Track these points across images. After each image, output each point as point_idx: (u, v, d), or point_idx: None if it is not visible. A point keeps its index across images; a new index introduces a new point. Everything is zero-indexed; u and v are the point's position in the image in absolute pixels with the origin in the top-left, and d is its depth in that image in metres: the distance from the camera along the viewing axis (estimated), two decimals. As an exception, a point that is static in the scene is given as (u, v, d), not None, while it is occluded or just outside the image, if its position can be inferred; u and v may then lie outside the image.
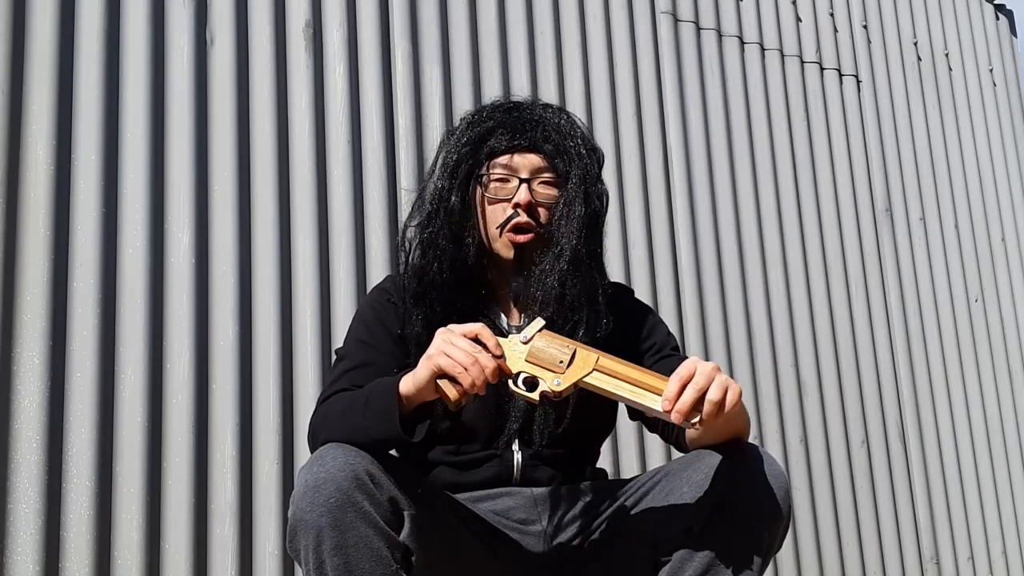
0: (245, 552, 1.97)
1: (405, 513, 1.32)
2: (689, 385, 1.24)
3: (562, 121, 1.57)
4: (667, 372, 1.51)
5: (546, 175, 1.53)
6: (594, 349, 1.34)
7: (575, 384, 1.31)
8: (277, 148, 2.19)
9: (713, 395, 1.23)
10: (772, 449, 2.81)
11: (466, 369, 1.27)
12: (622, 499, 1.48)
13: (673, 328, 2.40)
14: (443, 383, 1.28)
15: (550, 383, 1.30)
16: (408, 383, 1.32)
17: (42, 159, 1.91)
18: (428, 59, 2.47)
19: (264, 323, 2.09)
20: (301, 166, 2.22)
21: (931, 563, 3.21)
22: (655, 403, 1.27)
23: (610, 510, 1.49)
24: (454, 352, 1.28)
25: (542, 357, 1.31)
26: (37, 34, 1.95)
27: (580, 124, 1.61)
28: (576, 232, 1.50)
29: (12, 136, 1.89)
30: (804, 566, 2.85)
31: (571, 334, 1.47)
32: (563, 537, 1.48)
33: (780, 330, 2.99)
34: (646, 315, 1.67)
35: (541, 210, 1.52)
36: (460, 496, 1.47)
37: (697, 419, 1.24)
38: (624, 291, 1.69)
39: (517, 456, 1.50)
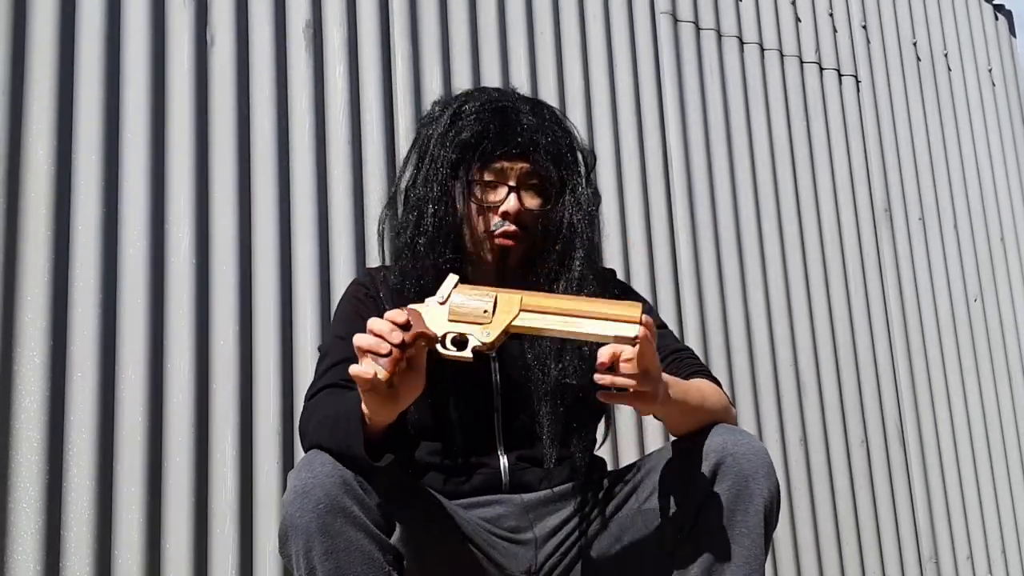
0: (245, 552, 1.97)
1: (395, 517, 1.32)
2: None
3: (553, 124, 1.55)
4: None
5: (534, 180, 1.51)
6: (518, 291, 1.26)
7: (506, 331, 1.23)
8: (277, 148, 2.19)
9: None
10: (772, 449, 2.81)
11: (382, 337, 1.20)
12: (610, 500, 1.48)
13: (673, 328, 2.40)
14: (365, 362, 1.19)
15: (479, 336, 1.23)
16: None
17: (42, 159, 1.91)
18: (428, 59, 2.48)
19: (264, 323, 2.09)
20: (301, 166, 2.22)
21: (930, 563, 3.21)
22: (602, 328, 1.19)
23: (597, 513, 1.48)
24: (373, 325, 1.23)
25: (464, 312, 1.24)
26: (37, 34, 1.95)
27: (571, 125, 1.59)
28: (568, 241, 1.49)
29: (12, 136, 1.89)
30: (803, 566, 2.85)
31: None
32: (553, 544, 1.48)
33: (779, 330, 3.00)
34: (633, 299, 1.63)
35: (530, 218, 1.50)
36: (451, 503, 1.47)
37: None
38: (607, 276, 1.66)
39: (503, 460, 1.49)
